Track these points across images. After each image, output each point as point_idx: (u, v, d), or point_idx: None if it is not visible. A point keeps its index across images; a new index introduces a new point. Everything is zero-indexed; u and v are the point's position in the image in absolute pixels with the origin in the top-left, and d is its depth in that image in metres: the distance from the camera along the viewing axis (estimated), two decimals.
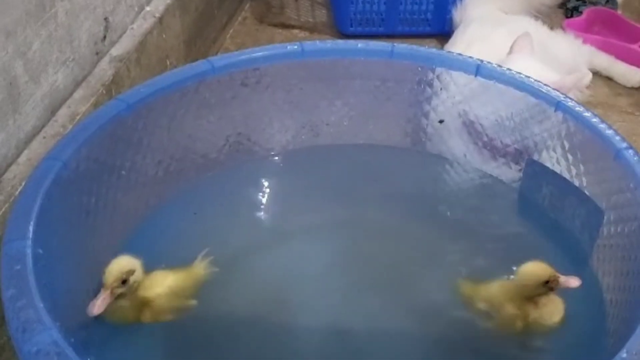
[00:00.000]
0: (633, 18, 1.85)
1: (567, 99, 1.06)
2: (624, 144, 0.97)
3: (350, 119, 1.21)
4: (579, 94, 1.50)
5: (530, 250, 1.06)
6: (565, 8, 1.92)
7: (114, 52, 1.23)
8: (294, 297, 1.01)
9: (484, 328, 0.94)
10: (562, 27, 1.78)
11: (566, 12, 1.91)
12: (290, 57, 1.13)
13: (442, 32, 1.77)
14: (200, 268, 0.98)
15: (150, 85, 1.05)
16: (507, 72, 1.11)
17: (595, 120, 1.01)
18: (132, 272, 0.89)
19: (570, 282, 0.90)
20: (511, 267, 0.95)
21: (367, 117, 1.21)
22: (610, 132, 0.99)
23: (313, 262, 1.06)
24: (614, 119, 1.56)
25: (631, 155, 0.95)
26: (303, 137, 1.21)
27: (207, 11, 1.63)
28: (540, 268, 0.91)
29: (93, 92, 1.14)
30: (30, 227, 0.81)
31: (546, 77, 1.17)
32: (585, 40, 1.68)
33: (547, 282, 0.90)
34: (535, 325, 0.92)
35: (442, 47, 1.62)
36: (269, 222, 1.15)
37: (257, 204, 1.16)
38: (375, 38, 1.59)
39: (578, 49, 1.63)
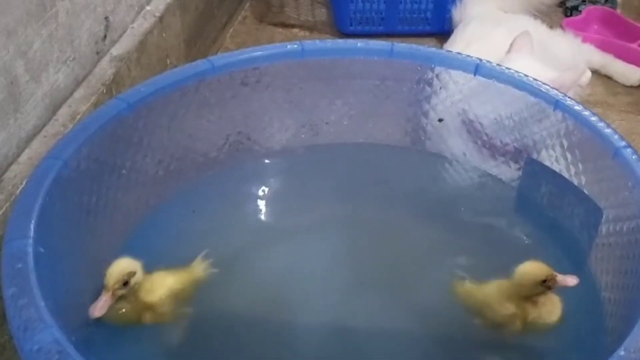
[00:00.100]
0: (632, 17, 1.85)
1: (566, 98, 1.06)
2: (623, 143, 0.97)
3: (350, 118, 1.22)
4: (579, 89, 1.50)
5: (529, 248, 1.07)
6: (565, 7, 1.92)
7: (115, 51, 1.23)
8: (294, 297, 1.01)
9: (483, 328, 0.94)
10: (561, 26, 1.78)
11: (565, 11, 1.92)
12: (290, 56, 1.13)
13: (442, 31, 1.77)
14: (199, 269, 0.98)
15: (151, 84, 1.05)
16: (506, 71, 1.11)
17: (594, 119, 1.02)
18: (133, 274, 0.89)
19: (568, 281, 0.90)
20: (510, 265, 0.95)
21: (366, 116, 1.21)
22: (608, 131, 0.99)
23: (313, 261, 1.06)
24: (613, 118, 1.56)
25: (630, 154, 0.95)
26: (303, 136, 1.21)
27: (207, 10, 1.63)
28: (537, 267, 0.91)
29: (94, 91, 1.14)
30: (31, 226, 0.81)
31: (545, 75, 1.18)
32: (585, 39, 1.68)
33: (544, 281, 0.90)
34: (534, 324, 0.92)
35: (441, 46, 1.62)
36: (268, 221, 1.15)
37: (257, 203, 1.17)
38: (375, 37, 1.59)
39: (577, 47, 1.63)
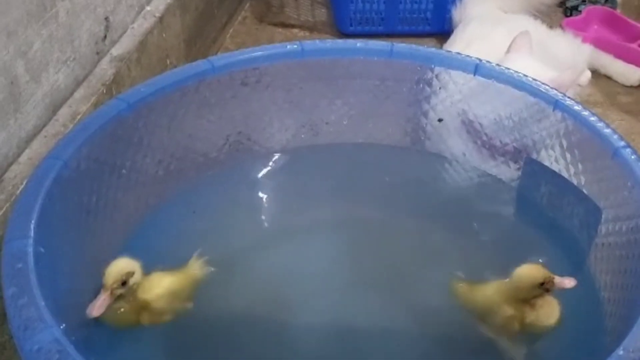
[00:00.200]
0: (632, 17, 1.85)
1: (566, 98, 1.06)
2: (622, 143, 0.97)
3: (349, 118, 1.22)
4: (579, 89, 1.50)
5: (529, 248, 1.07)
6: (565, 7, 1.92)
7: (115, 51, 1.23)
8: (294, 297, 1.01)
9: (481, 329, 0.94)
10: (561, 26, 1.78)
11: (565, 11, 1.92)
12: (290, 56, 1.13)
13: (442, 31, 1.77)
14: (196, 268, 0.98)
15: (151, 84, 1.05)
16: (506, 71, 1.11)
17: (594, 119, 1.02)
18: (131, 274, 0.89)
19: (565, 283, 0.90)
20: (510, 265, 0.95)
21: (366, 116, 1.22)
22: (608, 131, 0.99)
23: (313, 261, 1.06)
24: (613, 118, 1.56)
25: (629, 153, 0.95)
26: (303, 136, 1.21)
27: (207, 11, 1.63)
28: (535, 270, 0.91)
29: (94, 91, 1.14)
30: (31, 226, 0.81)
31: (544, 75, 1.18)
32: (585, 39, 1.67)
33: (542, 284, 0.90)
34: (531, 326, 0.92)
35: (441, 46, 1.62)
36: (268, 221, 1.16)
37: (257, 203, 1.17)
38: (375, 37, 1.59)
39: (577, 47, 1.63)
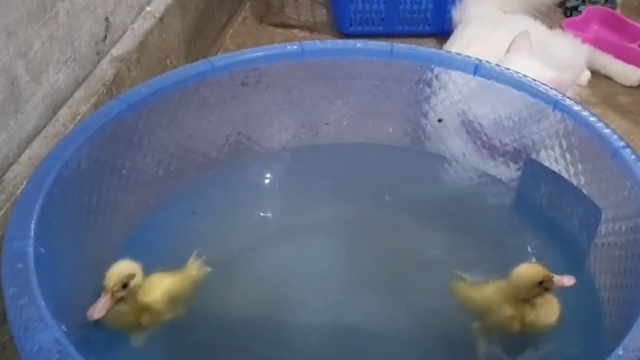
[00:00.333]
0: (632, 17, 1.85)
1: (565, 98, 1.06)
2: (621, 143, 0.97)
3: (349, 118, 1.22)
4: (578, 89, 1.50)
5: (529, 248, 1.07)
6: (565, 7, 1.92)
7: (115, 52, 1.24)
8: (294, 297, 1.01)
9: (481, 329, 0.95)
10: (561, 27, 1.78)
11: (565, 11, 1.92)
12: (290, 57, 1.13)
13: (442, 32, 1.77)
14: (195, 268, 0.98)
15: (151, 85, 1.05)
16: (506, 71, 1.11)
17: (593, 119, 1.02)
18: (132, 276, 0.89)
19: (565, 281, 0.90)
20: (510, 265, 0.95)
21: (366, 117, 1.22)
22: (607, 131, 0.99)
23: (313, 261, 1.06)
24: (613, 118, 1.57)
25: (628, 154, 0.95)
26: (303, 136, 1.22)
27: (207, 11, 1.63)
28: (534, 269, 0.91)
29: (94, 92, 1.14)
30: (31, 226, 0.81)
31: (544, 75, 1.18)
32: (584, 40, 1.68)
33: (541, 282, 0.90)
34: (532, 326, 0.92)
35: (441, 47, 1.62)
36: (268, 221, 1.16)
37: (256, 203, 1.17)
38: (375, 37, 1.59)
39: (577, 48, 1.63)
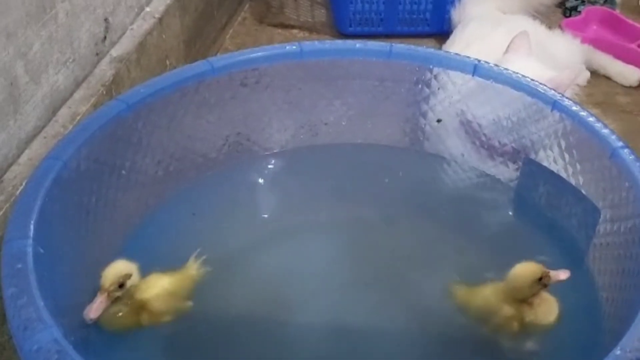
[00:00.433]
0: (632, 17, 1.85)
1: (564, 99, 1.06)
2: (620, 143, 0.97)
3: (348, 118, 1.22)
4: (577, 89, 1.51)
5: (528, 248, 1.07)
6: (564, 7, 1.92)
7: (114, 52, 1.24)
8: (293, 297, 1.01)
9: (481, 330, 0.95)
10: (560, 27, 1.78)
11: (565, 11, 1.92)
12: (289, 57, 1.14)
13: (441, 32, 1.77)
14: (194, 268, 0.98)
15: (150, 85, 1.05)
16: (504, 71, 1.11)
17: (592, 119, 1.02)
18: (128, 276, 0.89)
19: (560, 275, 0.91)
20: (508, 265, 0.95)
21: (365, 117, 1.22)
22: (606, 131, 0.99)
23: (312, 262, 1.06)
24: (612, 118, 1.56)
25: (627, 154, 0.95)
26: (302, 136, 1.22)
27: (207, 11, 1.64)
28: (530, 267, 0.92)
29: (93, 92, 1.14)
30: (31, 226, 0.81)
31: (542, 75, 1.18)
32: (584, 40, 1.68)
33: (539, 279, 0.91)
34: (531, 326, 0.93)
35: (440, 47, 1.62)
36: (267, 222, 1.16)
37: (256, 203, 1.17)
38: (374, 38, 1.60)
39: (576, 48, 1.63)
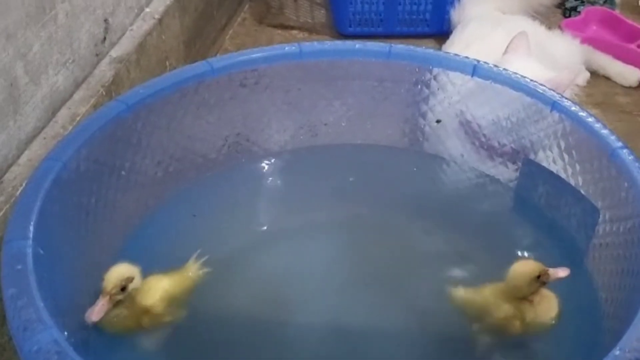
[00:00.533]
0: (631, 17, 1.85)
1: (563, 99, 1.06)
2: (619, 144, 0.97)
3: (348, 119, 1.22)
4: (577, 89, 1.51)
5: (527, 248, 1.07)
6: (564, 8, 1.92)
7: (114, 53, 1.24)
8: (293, 297, 1.01)
9: (482, 332, 0.95)
10: (560, 27, 1.78)
11: (564, 12, 1.92)
12: (288, 58, 1.14)
13: (441, 32, 1.77)
14: (193, 269, 0.98)
15: (150, 86, 1.05)
16: (504, 72, 1.11)
17: (591, 119, 1.02)
18: (131, 279, 0.89)
19: (559, 273, 0.91)
20: (508, 265, 0.95)
21: (365, 117, 1.22)
22: (605, 132, 0.99)
23: (312, 262, 1.06)
24: (612, 119, 1.56)
25: (626, 154, 0.96)
26: (301, 137, 1.22)
27: (207, 12, 1.64)
28: (529, 265, 0.92)
29: (93, 93, 1.15)
30: (30, 227, 0.82)
31: (542, 75, 1.18)
32: (583, 40, 1.68)
33: (538, 277, 0.91)
34: (532, 323, 0.93)
35: (440, 48, 1.62)
36: (267, 222, 1.16)
37: (255, 204, 1.17)
38: (374, 38, 1.59)
39: (576, 48, 1.63)
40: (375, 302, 1.01)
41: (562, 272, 0.92)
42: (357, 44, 1.16)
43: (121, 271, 0.89)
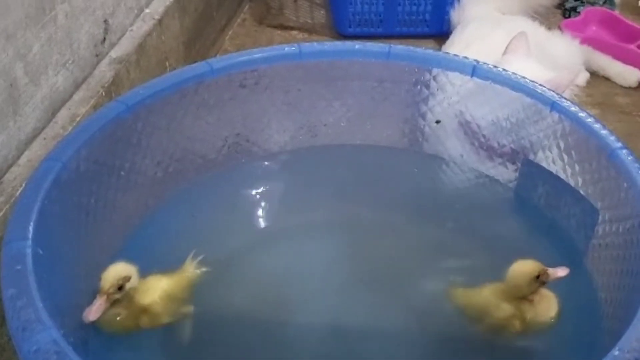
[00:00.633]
0: (631, 18, 1.85)
1: (562, 99, 1.06)
2: (618, 144, 0.97)
3: (348, 119, 1.22)
4: (576, 89, 1.51)
5: (527, 249, 1.07)
6: (563, 8, 1.92)
7: (114, 54, 1.24)
8: (292, 297, 1.01)
9: (482, 332, 0.95)
10: (559, 28, 1.78)
11: (564, 12, 1.92)
12: (288, 58, 1.14)
13: (440, 33, 1.77)
14: (191, 269, 0.98)
15: (150, 86, 1.05)
16: (503, 72, 1.11)
17: (590, 120, 1.02)
18: (128, 279, 0.89)
19: (559, 272, 0.92)
20: (508, 266, 0.95)
21: (364, 118, 1.22)
22: (604, 132, 1.00)
23: (311, 262, 1.07)
24: (612, 119, 1.56)
25: (625, 154, 0.96)
26: (301, 137, 1.22)
27: (206, 13, 1.64)
28: (528, 265, 0.93)
29: (93, 93, 1.15)
30: (30, 227, 0.82)
31: (541, 76, 1.18)
32: (583, 41, 1.68)
33: (537, 277, 0.91)
34: (532, 323, 0.93)
35: (440, 48, 1.63)
36: (267, 223, 1.16)
37: (255, 204, 1.17)
38: (374, 39, 1.60)
39: (575, 49, 1.63)
40: (375, 302, 1.02)
41: (561, 272, 0.92)
42: (357, 45, 1.16)
43: (118, 270, 0.89)
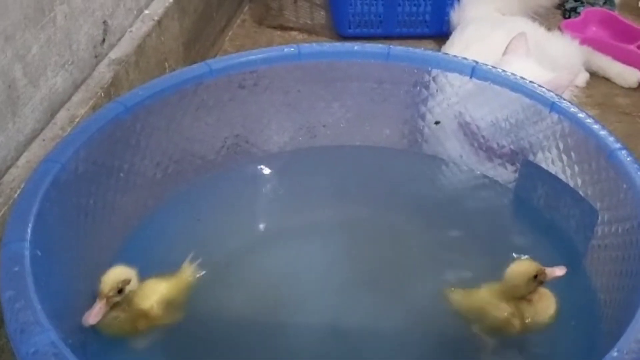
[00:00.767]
0: (631, 18, 1.85)
1: (562, 100, 1.06)
2: (618, 145, 0.97)
3: (347, 120, 1.22)
4: (576, 90, 1.51)
5: (526, 250, 1.07)
6: (563, 9, 1.93)
7: (113, 55, 1.24)
8: (291, 298, 1.01)
9: (481, 333, 0.95)
10: (559, 28, 1.78)
11: (564, 13, 1.92)
12: (287, 59, 1.14)
13: (440, 34, 1.78)
14: (189, 271, 0.98)
15: (149, 87, 1.05)
16: (503, 73, 1.11)
17: (590, 120, 1.02)
18: (128, 282, 0.89)
19: (556, 272, 0.92)
20: (506, 266, 0.95)
21: (364, 119, 1.22)
22: (604, 133, 0.99)
23: (310, 263, 1.07)
24: (612, 120, 1.56)
25: (624, 155, 0.95)
26: (300, 138, 1.22)
27: (206, 14, 1.64)
28: (526, 265, 0.93)
29: (92, 94, 1.15)
30: (28, 229, 0.82)
31: (541, 76, 1.18)
32: (583, 41, 1.68)
33: (535, 276, 0.91)
34: (532, 322, 0.93)
35: (439, 49, 1.63)
36: (266, 224, 1.16)
37: (254, 205, 1.17)
38: (373, 40, 1.60)
39: (575, 49, 1.63)
40: (374, 302, 1.02)
41: (559, 271, 0.92)
42: (356, 46, 1.16)
43: (118, 273, 0.89)
